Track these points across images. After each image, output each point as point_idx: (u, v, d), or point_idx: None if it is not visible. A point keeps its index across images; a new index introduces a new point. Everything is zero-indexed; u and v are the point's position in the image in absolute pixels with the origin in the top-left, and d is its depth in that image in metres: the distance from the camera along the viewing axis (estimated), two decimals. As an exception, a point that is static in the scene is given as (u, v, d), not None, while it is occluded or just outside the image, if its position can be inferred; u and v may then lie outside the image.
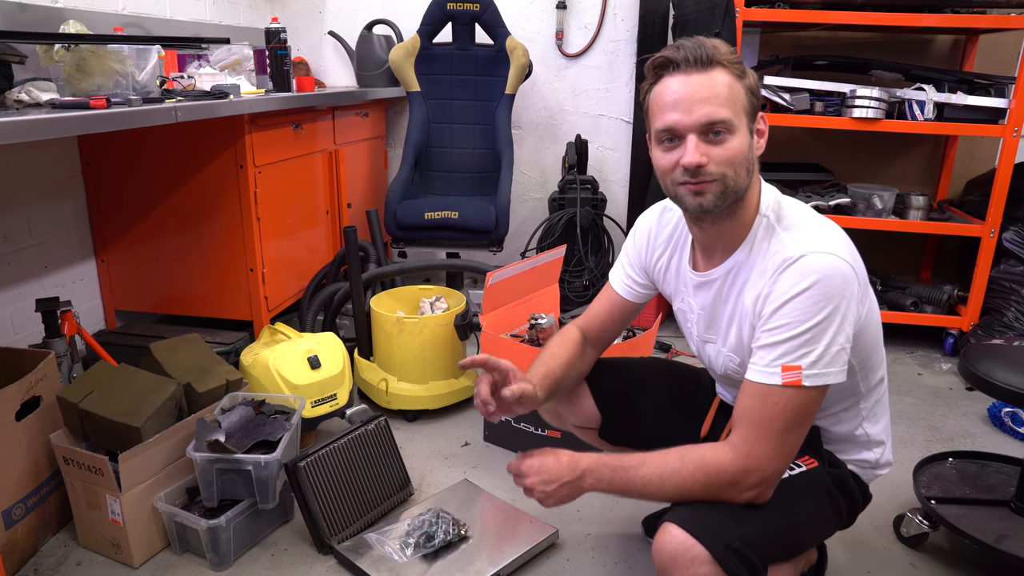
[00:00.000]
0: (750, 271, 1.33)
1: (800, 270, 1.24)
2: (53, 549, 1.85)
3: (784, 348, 1.24)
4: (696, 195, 1.29)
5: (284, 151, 2.78)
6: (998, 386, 1.65)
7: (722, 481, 1.26)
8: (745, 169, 1.28)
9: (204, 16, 3.26)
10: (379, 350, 2.53)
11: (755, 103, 1.29)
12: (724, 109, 1.24)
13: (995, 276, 3.02)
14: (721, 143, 1.25)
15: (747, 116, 1.27)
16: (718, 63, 1.25)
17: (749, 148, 1.28)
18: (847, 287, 1.24)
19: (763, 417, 1.25)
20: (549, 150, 3.85)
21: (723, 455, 1.27)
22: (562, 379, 1.59)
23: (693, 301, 1.48)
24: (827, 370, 1.24)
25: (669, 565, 1.22)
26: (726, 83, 1.24)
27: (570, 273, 3.38)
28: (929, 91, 2.88)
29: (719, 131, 1.24)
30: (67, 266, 2.62)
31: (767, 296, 1.28)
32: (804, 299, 1.23)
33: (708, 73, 1.24)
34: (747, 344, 1.35)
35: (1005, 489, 1.91)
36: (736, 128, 1.25)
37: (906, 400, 2.72)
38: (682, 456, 1.28)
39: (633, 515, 1.97)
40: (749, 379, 1.29)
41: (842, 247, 1.27)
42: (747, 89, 1.27)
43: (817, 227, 1.31)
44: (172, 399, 1.86)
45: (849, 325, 1.25)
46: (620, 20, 3.61)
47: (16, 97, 1.97)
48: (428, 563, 1.73)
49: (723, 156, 1.25)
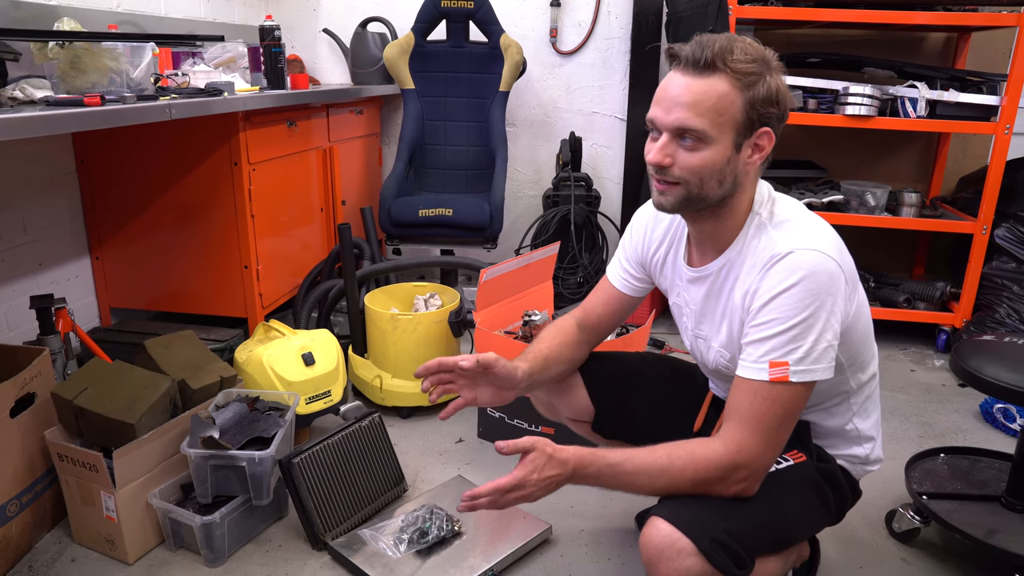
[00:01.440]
0: (740, 267, 1.34)
1: (787, 266, 1.25)
2: (48, 546, 1.85)
3: (771, 344, 1.25)
4: (659, 193, 1.31)
5: (278, 148, 2.78)
6: (990, 382, 1.67)
7: (711, 475, 1.27)
8: (716, 181, 1.26)
9: (198, 14, 3.25)
10: (373, 347, 2.53)
11: (754, 117, 1.24)
12: (701, 119, 1.22)
13: (987, 273, 3.03)
14: (692, 150, 1.25)
15: (734, 130, 1.24)
16: (719, 70, 1.21)
17: (727, 162, 1.25)
18: (833, 284, 1.25)
19: (752, 412, 1.26)
20: (543, 147, 3.85)
21: (712, 450, 1.28)
22: (552, 363, 1.60)
23: (687, 296, 1.49)
24: (814, 367, 1.25)
25: (656, 558, 1.24)
26: (718, 93, 1.21)
27: (564, 270, 3.39)
28: (921, 88, 2.89)
29: (689, 138, 1.24)
30: (62, 263, 2.62)
31: (755, 292, 1.29)
32: (791, 295, 1.24)
33: (703, 78, 1.22)
34: (737, 340, 1.36)
35: (996, 484, 1.92)
36: (711, 140, 1.23)
37: (899, 396, 2.73)
38: (671, 452, 1.29)
39: (626, 511, 1.98)
40: (739, 375, 1.30)
41: (830, 244, 1.28)
42: (747, 102, 1.22)
43: (806, 225, 1.32)
44: (166, 396, 1.86)
45: (836, 322, 1.26)
46: (614, 18, 3.61)
47: (10, 94, 1.96)
48: (422, 559, 1.74)
49: (689, 163, 1.25)
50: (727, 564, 1.21)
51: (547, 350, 1.61)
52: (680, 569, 1.22)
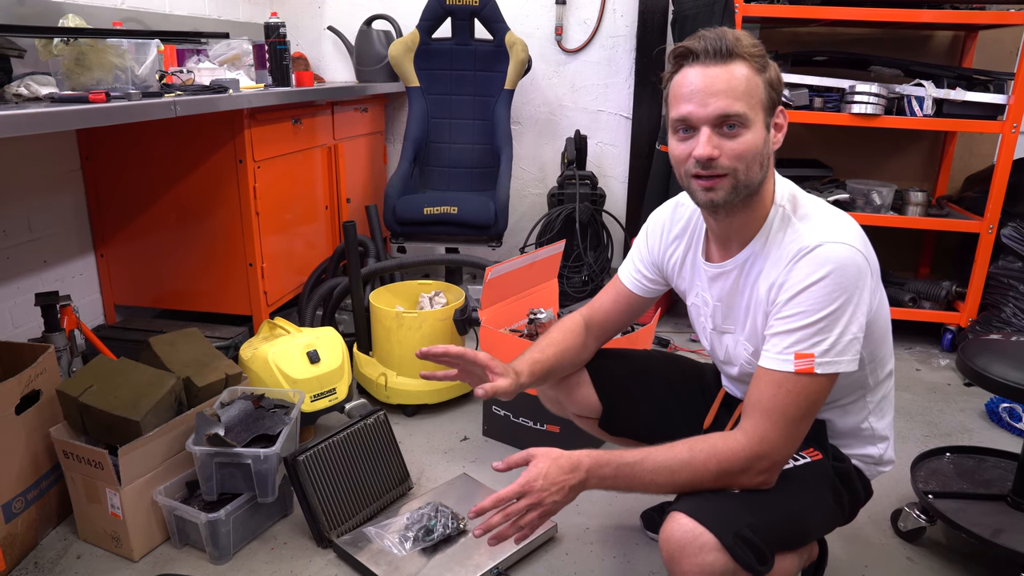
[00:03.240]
0: (765, 260, 1.34)
1: (815, 259, 1.25)
2: (53, 542, 1.85)
3: (798, 336, 1.25)
4: (707, 190, 1.29)
5: (283, 146, 2.78)
6: (996, 381, 1.66)
7: (734, 468, 1.26)
8: (758, 164, 1.28)
9: (203, 11, 3.25)
10: (378, 345, 2.53)
11: (774, 97, 1.28)
12: (739, 103, 1.23)
13: (993, 272, 3.02)
14: (734, 137, 1.25)
15: (764, 110, 1.27)
16: (738, 56, 1.24)
17: (764, 143, 1.28)
18: (861, 277, 1.25)
19: (776, 404, 1.26)
20: (548, 146, 3.85)
21: (735, 441, 1.27)
22: (555, 366, 1.60)
23: (708, 294, 1.48)
24: (839, 358, 1.25)
25: (677, 553, 1.23)
26: (744, 76, 1.24)
27: (569, 268, 3.38)
28: (928, 87, 2.88)
29: (733, 124, 1.24)
30: (66, 261, 2.62)
31: (782, 285, 1.29)
32: (819, 288, 1.24)
33: (726, 66, 1.24)
34: (761, 333, 1.35)
35: (1002, 484, 1.91)
36: (751, 122, 1.25)
37: (904, 396, 2.72)
38: (691, 446, 1.28)
39: (632, 508, 1.98)
40: (762, 366, 1.29)
41: (856, 238, 1.28)
42: (767, 83, 1.26)
43: (832, 218, 1.32)
44: (171, 393, 1.86)
45: (862, 314, 1.26)
46: (619, 16, 3.61)
47: (15, 91, 1.97)
48: (427, 557, 1.74)
49: (736, 150, 1.25)
50: (750, 560, 1.20)
51: (551, 350, 1.60)
52: (703, 565, 1.20)
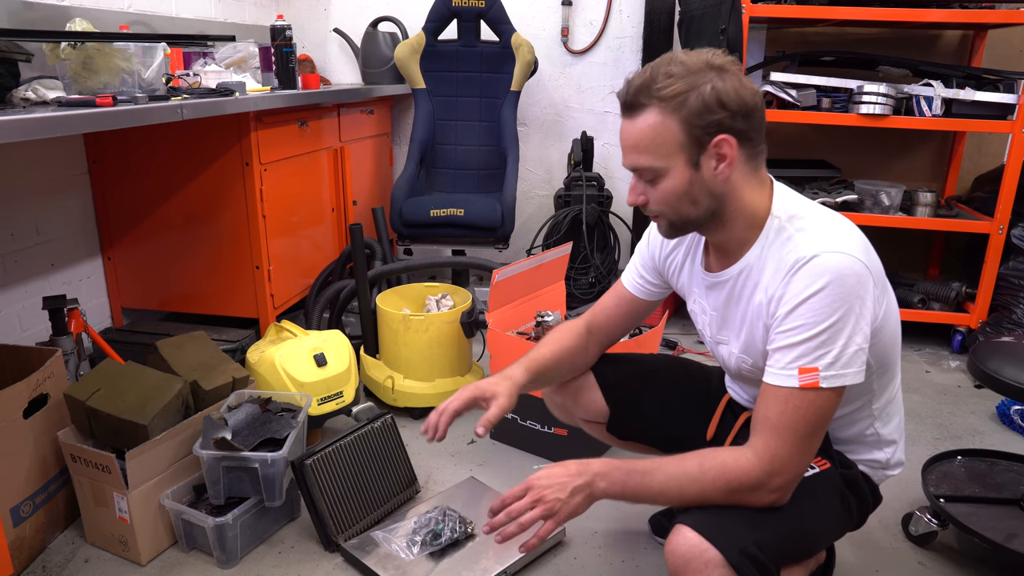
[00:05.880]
0: (761, 272, 1.32)
1: (813, 271, 1.22)
2: (61, 546, 1.85)
3: (800, 350, 1.23)
4: (654, 224, 1.40)
5: (289, 148, 2.78)
6: (1007, 384, 1.64)
7: (744, 486, 1.24)
8: (689, 203, 1.29)
9: (210, 14, 3.26)
10: (385, 348, 2.53)
11: (697, 133, 1.23)
12: (644, 156, 1.27)
13: (1003, 273, 3.00)
14: (653, 184, 1.29)
15: (683, 151, 1.24)
16: (643, 104, 1.24)
17: (689, 183, 1.26)
18: (861, 286, 1.22)
19: (783, 421, 1.24)
20: (555, 147, 3.84)
21: (745, 460, 1.25)
22: (553, 364, 1.61)
23: (705, 302, 1.47)
24: (844, 371, 1.23)
25: (682, 568, 1.21)
26: (650, 125, 1.24)
27: (576, 270, 3.37)
28: (937, 87, 2.87)
29: (645, 176, 1.29)
30: (74, 264, 2.62)
31: (781, 298, 1.26)
32: (818, 300, 1.21)
33: (632, 119, 1.27)
34: (760, 345, 1.33)
35: (1014, 487, 1.90)
36: (664, 170, 1.27)
37: (914, 398, 2.71)
38: (701, 462, 1.26)
39: (640, 513, 1.96)
40: (767, 383, 1.27)
41: (855, 245, 1.25)
42: (683, 122, 1.22)
43: (830, 226, 1.29)
44: (179, 397, 1.86)
45: (865, 324, 1.23)
46: (626, 16, 3.60)
47: (23, 95, 1.97)
48: (435, 561, 1.73)
49: (657, 197, 1.31)
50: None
51: (548, 348, 1.61)
52: None
